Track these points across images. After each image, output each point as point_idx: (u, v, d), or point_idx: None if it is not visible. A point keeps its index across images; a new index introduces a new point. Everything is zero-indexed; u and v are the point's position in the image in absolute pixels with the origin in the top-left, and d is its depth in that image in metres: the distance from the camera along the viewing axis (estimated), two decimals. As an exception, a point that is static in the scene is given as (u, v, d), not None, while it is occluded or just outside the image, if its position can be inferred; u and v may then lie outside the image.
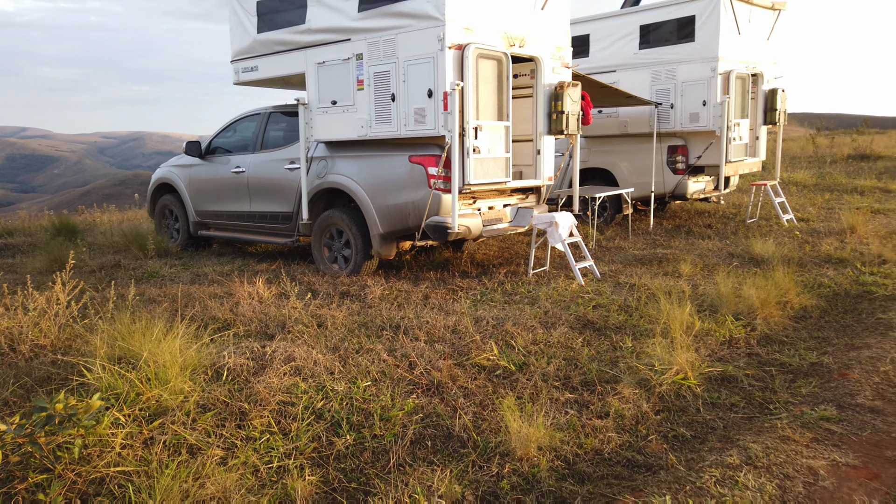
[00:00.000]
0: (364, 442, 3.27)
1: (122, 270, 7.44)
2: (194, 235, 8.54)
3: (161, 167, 9.00)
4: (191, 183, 8.37)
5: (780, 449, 3.14)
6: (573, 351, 4.48)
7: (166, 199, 8.83)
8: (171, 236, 8.82)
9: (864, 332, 5.00)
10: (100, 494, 2.74)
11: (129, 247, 8.47)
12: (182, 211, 8.58)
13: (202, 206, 8.28)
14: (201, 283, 6.55)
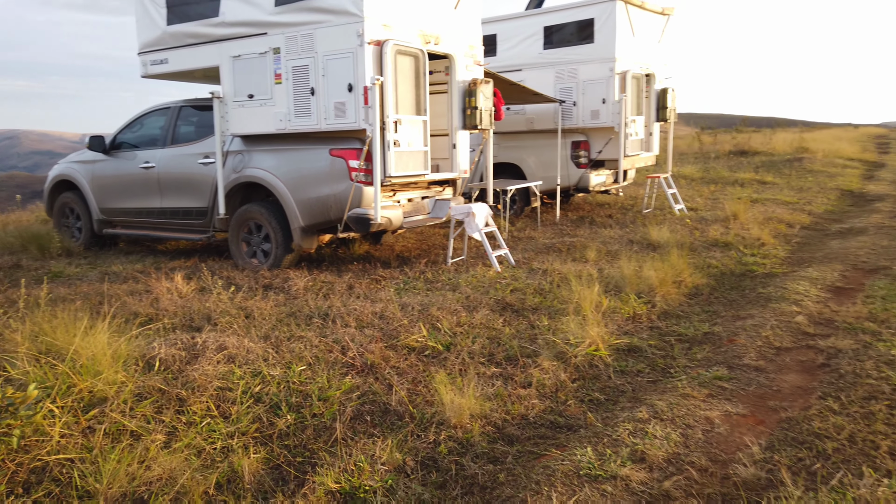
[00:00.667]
0: (304, 421, 3.40)
1: (23, 271, 7.09)
2: (99, 234, 8.23)
3: (60, 164, 8.61)
4: (94, 179, 8.07)
5: (681, 404, 3.55)
6: (495, 330, 4.77)
7: (66, 196, 8.45)
8: (73, 235, 8.46)
9: (748, 304, 5.59)
10: (43, 481, 2.74)
11: (26, 247, 8.06)
12: (84, 209, 8.25)
13: (107, 203, 8.00)
14: (113, 281, 6.38)
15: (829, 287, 5.96)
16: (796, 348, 4.43)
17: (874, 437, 3.06)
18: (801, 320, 4.93)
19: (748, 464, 2.91)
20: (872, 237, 8.22)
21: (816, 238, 8.70)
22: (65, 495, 2.67)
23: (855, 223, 9.50)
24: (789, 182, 14.61)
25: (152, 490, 2.73)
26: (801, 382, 3.88)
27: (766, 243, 8.01)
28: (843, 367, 3.95)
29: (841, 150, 22.57)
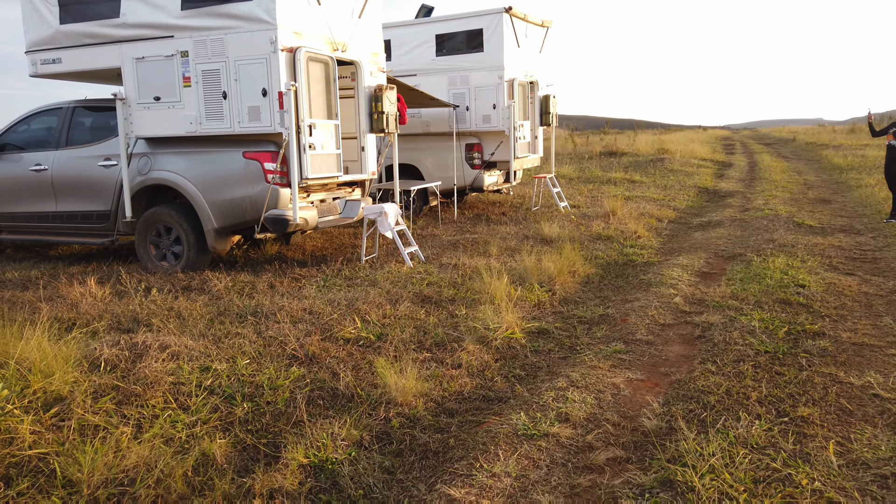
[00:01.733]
0: (261, 408, 3.65)
1: None
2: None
3: (-68, 166, 8.00)
4: (-24, 183, 7.61)
5: (591, 374, 4.13)
6: (419, 321, 5.17)
7: (-57, 201, 7.88)
8: (-47, 242, 7.93)
9: (632, 289, 6.36)
10: (21, 475, 2.84)
11: None
12: (-34, 214, 7.75)
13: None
14: (13, 289, 6.14)
15: (697, 272, 6.88)
16: (677, 324, 5.19)
17: (745, 390, 3.77)
18: (679, 301, 5.73)
19: (651, 417, 3.51)
20: (728, 229, 9.42)
21: (682, 231, 9.82)
22: (49, 485, 2.79)
23: (712, 217, 10.77)
24: (654, 181, 16.10)
25: (132, 476, 2.90)
26: (684, 352, 4.60)
27: (641, 236, 8.97)
28: (715, 338, 4.71)
29: (695, 151, 24.94)
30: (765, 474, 2.86)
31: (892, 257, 7.25)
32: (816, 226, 9.36)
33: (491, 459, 3.08)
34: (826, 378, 3.91)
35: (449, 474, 3.00)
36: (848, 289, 5.91)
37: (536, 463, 3.09)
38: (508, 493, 2.83)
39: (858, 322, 4.97)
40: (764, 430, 3.26)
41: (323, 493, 2.92)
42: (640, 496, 2.77)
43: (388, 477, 3.08)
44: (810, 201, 12.17)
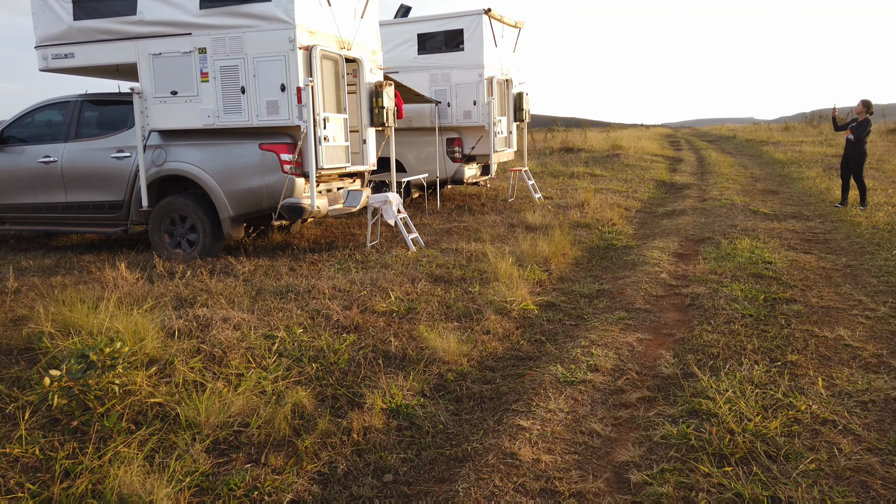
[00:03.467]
0: (327, 367, 4.10)
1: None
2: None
3: (-70, 159, 8.05)
4: (-21, 175, 7.73)
5: (605, 336, 4.73)
6: (439, 296, 5.69)
7: (-57, 193, 7.96)
8: (-48, 234, 8.01)
9: (620, 269, 7.02)
10: (147, 420, 3.24)
11: None
12: (-32, 206, 7.85)
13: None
14: (41, 275, 6.37)
15: (674, 253, 7.60)
16: (668, 295, 5.86)
17: (740, 343, 4.44)
18: (665, 277, 6.41)
19: (667, 366, 4.13)
20: (692, 217, 10.23)
21: (650, 218, 10.59)
22: (174, 428, 3.20)
23: (675, 206, 11.60)
24: (614, 175, 16.96)
25: (240, 420, 3.34)
26: (679, 317, 5.26)
27: (616, 223, 9.68)
28: (704, 305, 5.39)
29: (645, 147, 26.09)
30: (770, 402, 3.51)
31: (840, 238, 8.14)
32: (770, 213, 10.26)
33: (543, 400, 3.64)
34: (805, 333, 4.62)
35: (511, 412, 3.54)
36: (808, 264, 6.71)
37: (580, 402, 3.67)
38: (566, 423, 3.40)
39: (822, 290, 5.74)
40: (763, 372, 3.92)
41: (406, 431, 3.42)
42: (674, 422, 3.37)
43: (456, 417, 3.60)
44: (760, 192, 13.17)
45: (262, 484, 2.83)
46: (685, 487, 2.73)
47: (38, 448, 2.93)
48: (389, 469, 3.07)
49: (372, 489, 2.89)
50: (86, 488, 2.68)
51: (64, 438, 3.04)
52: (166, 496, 2.64)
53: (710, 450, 3.02)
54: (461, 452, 3.18)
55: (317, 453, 3.13)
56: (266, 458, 3.07)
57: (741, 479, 2.77)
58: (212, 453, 3.08)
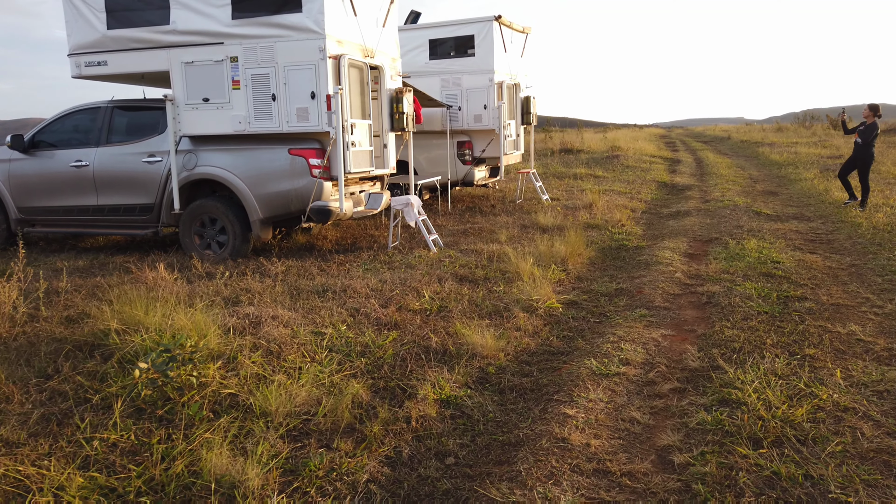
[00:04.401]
0: (375, 362, 4.37)
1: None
2: (16, 233, 8.11)
3: (-39, 163, 8.28)
4: (11, 178, 7.95)
5: (631, 332, 5.02)
6: (467, 295, 5.96)
7: (-27, 196, 8.18)
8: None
9: (634, 268, 7.31)
10: (224, 408, 3.50)
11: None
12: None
13: (28, 202, 7.94)
14: (79, 276, 6.60)
15: (684, 253, 7.90)
16: (685, 294, 6.15)
17: (760, 338, 4.73)
18: (680, 276, 6.71)
19: (693, 360, 4.42)
20: (697, 218, 10.54)
21: (656, 220, 10.89)
22: (248, 416, 3.46)
23: (679, 207, 11.91)
24: (616, 176, 17.28)
25: (306, 410, 3.61)
26: (698, 314, 5.55)
27: (625, 224, 9.98)
28: (721, 302, 5.68)
29: (643, 148, 26.45)
30: (794, 392, 3.80)
31: (843, 239, 8.46)
32: (773, 214, 10.59)
33: (583, 391, 3.92)
34: (819, 329, 4.92)
35: (554, 402, 3.82)
36: (815, 264, 7.02)
37: (617, 392, 3.95)
38: (607, 412, 3.68)
39: (831, 288, 6.05)
40: (784, 364, 4.21)
41: (458, 419, 3.70)
42: (707, 410, 3.66)
43: (501, 407, 3.88)
44: (760, 193, 13.50)
45: (339, 466, 3.10)
46: (725, 467, 3.02)
47: (133, 434, 3.18)
48: (449, 453, 3.33)
49: (437, 471, 3.16)
50: (182, 469, 2.94)
51: (153, 426, 3.30)
52: (256, 476, 2.90)
53: (744, 434, 3.31)
54: (513, 438, 3.45)
55: (381, 439, 3.40)
56: (336, 444, 3.33)
57: (775, 459, 3.06)
58: (285, 439, 3.35)
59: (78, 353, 4.17)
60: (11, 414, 3.36)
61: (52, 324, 4.85)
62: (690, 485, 2.90)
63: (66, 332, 4.58)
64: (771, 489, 2.83)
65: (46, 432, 3.21)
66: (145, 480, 2.87)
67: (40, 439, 3.12)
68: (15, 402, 3.49)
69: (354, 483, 3.00)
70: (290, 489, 2.91)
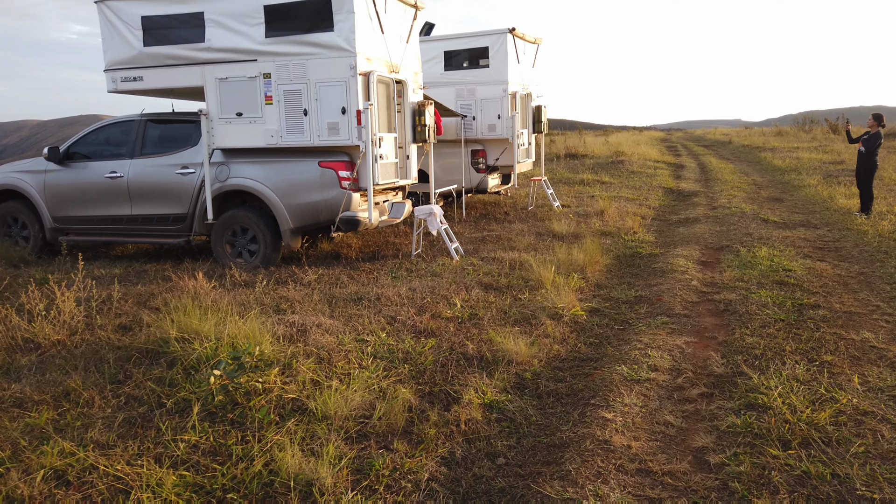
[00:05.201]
0: (418, 368, 4.64)
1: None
2: (51, 242, 8.38)
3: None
4: (47, 189, 8.22)
5: (656, 339, 5.28)
6: (494, 303, 6.23)
7: (8, 206, 8.45)
8: (17, 243, 8.48)
9: (651, 276, 7.58)
10: (287, 412, 3.77)
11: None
12: (33, 217, 8.34)
13: (63, 211, 8.21)
14: (121, 284, 6.86)
15: (697, 261, 8.17)
16: (702, 301, 6.43)
17: (779, 345, 5.00)
18: (696, 284, 6.99)
19: (718, 366, 4.69)
20: (706, 225, 10.82)
21: (666, 226, 11.17)
22: (310, 419, 3.73)
23: (688, 214, 12.19)
24: (622, 182, 17.57)
25: (362, 413, 3.87)
26: (717, 322, 5.82)
27: (636, 231, 10.26)
28: (738, 310, 5.96)
29: (647, 153, 26.72)
30: (816, 397, 4.07)
31: (850, 247, 8.74)
32: (780, 221, 10.86)
33: (618, 396, 4.19)
34: (834, 336, 5.19)
35: (591, 406, 4.09)
36: (825, 272, 7.29)
37: (649, 397, 4.22)
38: (642, 415, 3.95)
39: (842, 296, 6.32)
40: (804, 371, 4.48)
41: (502, 422, 3.96)
42: (735, 414, 3.93)
43: (541, 411, 4.15)
44: (765, 200, 13.79)
45: (402, 466, 3.37)
46: (759, 467, 3.29)
47: (211, 436, 3.45)
48: (499, 454, 3.60)
49: (490, 470, 3.43)
50: (261, 469, 3.21)
51: (226, 428, 3.56)
52: (329, 475, 3.17)
53: (772, 436, 3.58)
54: (557, 440, 3.72)
55: (436, 441, 3.67)
56: (394, 445, 3.60)
57: (804, 460, 3.33)
58: (347, 441, 3.61)
59: (144, 360, 4.43)
60: (96, 418, 3.63)
61: (108, 331, 5.12)
62: (728, 483, 3.17)
63: (124, 339, 4.85)
64: (802, 487, 3.10)
65: (132, 435, 3.47)
66: (229, 479, 3.14)
67: (129, 441, 3.38)
68: (96, 406, 3.76)
69: (417, 482, 3.27)
70: (360, 487, 3.18)
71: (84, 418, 3.61)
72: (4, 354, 4.58)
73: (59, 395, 3.90)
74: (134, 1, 7.44)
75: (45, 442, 3.31)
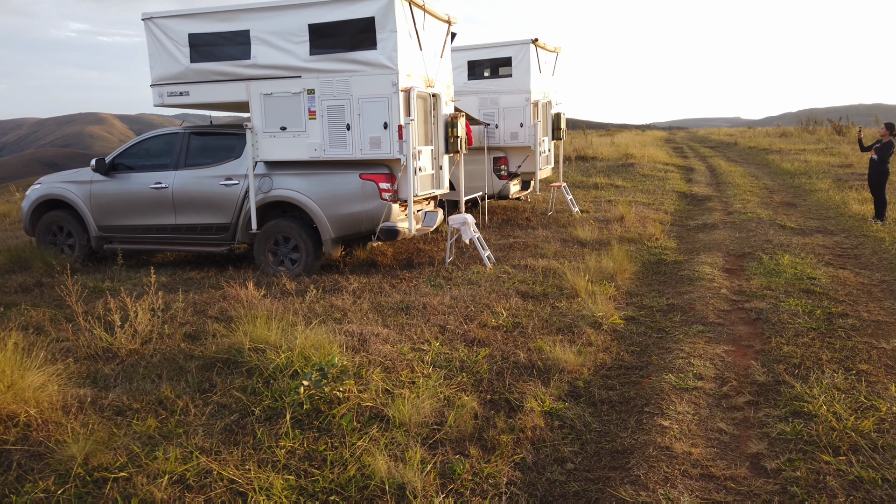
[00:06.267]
0: (476, 376, 4.91)
1: (53, 289, 7.48)
2: (96, 250, 8.66)
3: (42, 185, 8.86)
4: (92, 198, 8.49)
5: (696, 348, 5.55)
6: (534, 311, 6.50)
7: (55, 215, 8.73)
8: (62, 251, 8.76)
9: (679, 283, 7.85)
10: (365, 419, 4.04)
11: (20, 265, 8.29)
12: (79, 227, 8.62)
13: (108, 221, 8.48)
14: (168, 292, 7.14)
15: (722, 268, 8.44)
16: (734, 310, 6.69)
17: (815, 354, 5.27)
18: (726, 292, 7.25)
19: (760, 374, 4.96)
20: (725, 231, 11.08)
21: (685, 232, 11.43)
22: (388, 426, 4.00)
23: (705, 220, 12.45)
24: (636, 186, 17.82)
25: (432, 420, 4.14)
26: (751, 330, 6.09)
27: (658, 238, 10.53)
28: (770, 319, 6.23)
29: (655, 155, 26.98)
30: (857, 405, 4.35)
31: (868, 254, 9.01)
32: (796, 227, 11.13)
33: (670, 404, 4.47)
34: (865, 345, 5.47)
35: (647, 414, 4.36)
36: (848, 280, 7.56)
37: (700, 405, 4.49)
38: (696, 423, 4.22)
39: (868, 305, 6.59)
40: (843, 379, 4.75)
41: (564, 429, 4.24)
42: (783, 421, 4.20)
43: (598, 418, 4.42)
44: (779, 205, 14.05)
45: (481, 470, 3.64)
46: (814, 472, 3.56)
47: (304, 442, 3.73)
48: (566, 459, 3.87)
49: (561, 474, 3.70)
50: (354, 473, 3.49)
51: (315, 435, 3.84)
52: (417, 479, 3.44)
53: (822, 443, 3.85)
54: (619, 446, 3.99)
55: (509, 447, 3.94)
56: (468, 451, 3.87)
57: (854, 465, 3.60)
58: (425, 446, 3.89)
59: (222, 369, 4.71)
60: (195, 425, 3.90)
61: (176, 340, 5.40)
62: (787, 487, 3.44)
63: (195, 348, 5.13)
64: (856, 491, 3.37)
65: (232, 441, 3.75)
66: (327, 482, 3.41)
67: (231, 447, 3.66)
68: (192, 414, 4.04)
69: (497, 485, 3.54)
70: (447, 490, 3.45)
71: (184, 426, 3.89)
72: (89, 363, 4.86)
73: (154, 403, 4.18)
74: (181, 18, 7.71)
75: (155, 448, 3.58)
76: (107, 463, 3.41)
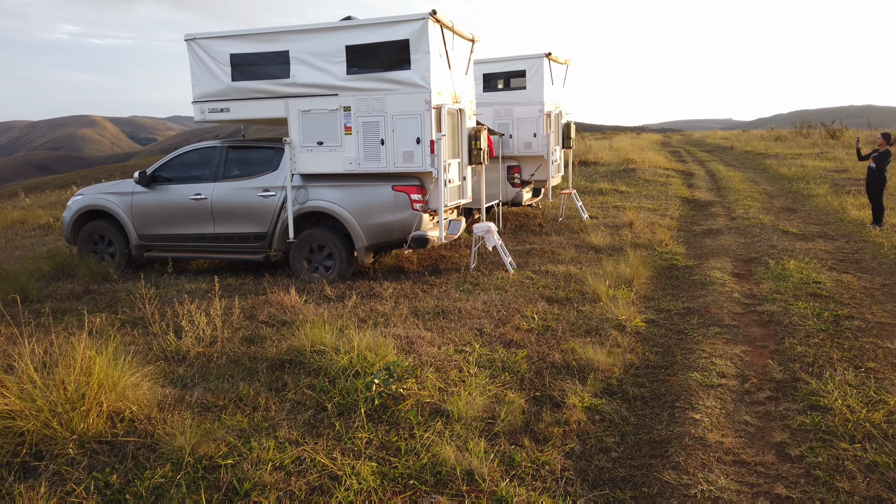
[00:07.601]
0: (517, 376, 5.36)
1: (103, 295, 7.89)
2: (136, 258, 9.08)
3: (84, 195, 9.28)
4: (133, 209, 8.91)
5: (716, 349, 6.01)
6: (561, 315, 6.96)
7: (96, 224, 9.14)
8: (102, 259, 9.18)
9: (691, 287, 8.32)
10: (427, 414, 4.49)
11: (66, 271, 8.71)
12: (120, 236, 9.04)
13: (149, 230, 8.91)
14: (204, 298, 7.57)
15: (731, 273, 8.92)
16: (747, 313, 7.17)
17: (827, 354, 5.75)
18: (737, 296, 7.73)
19: (777, 373, 5.43)
20: (730, 236, 11.57)
21: (692, 238, 11.91)
22: (450, 419, 4.45)
23: (710, 225, 12.94)
24: (639, 191, 18.32)
25: (486, 415, 4.59)
26: (764, 332, 6.56)
27: (668, 243, 11.00)
28: (782, 321, 6.70)
29: (655, 160, 27.51)
30: (867, 399, 4.81)
31: (869, 259, 9.51)
32: (799, 233, 11.62)
33: (699, 399, 4.93)
34: (872, 345, 5.94)
35: (678, 408, 4.82)
36: (851, 284, 8.05)
37: (725, 400, 4.96)
38: (724, 416, 4.68)
39: (872, 308, 7.07)
40: (853, 376, 5.23)
41: (604, 423, 4.69)
42: (802, 414, 4.66)
43: (633, 413, 4.87)
44: (779, 210, 14.55)
45: (537, 459, 4.09)
46: (833, 458, 4.03)
47: (378, 434, 4.17)
48: (611, 449, 4.32)
49: (607, 462, 4.15)
50: (427, 461, 3.93)
51: (386, 427, 4.28)
52: (483, 466, 3.89)
53: (839, 433, 4.32)
54: (656, 437, 4.45)
55: (559, 437, 4.39)
56: (522, 441, 4.32)
57: (869, 451, 4.07)
58: (483, 438, 4.33)
59: (289, 370, 5.15)
60: (277, 419, 4.34)
61: (235, 343, 5.83)
62: (810, 471, 3.91)
63: (256, 350, 5.56)
64: (872, 473, 3.84)
65: (315, 433, 4.18)
66: (404, 466, 3.86)
67: (316, 439, 4.10)
68: (273, 410, 4.47)
69: (553, 471, 3.99)
70: (510, 476, 3.90)
71: (268, 420, 4.33)
72: (164, 365, 5.29)
73: (235, 400, 4.61)
74: (223, 39, 8.15)
75: (249, 440, 4.02)
76: (211, 452, 3.84)
